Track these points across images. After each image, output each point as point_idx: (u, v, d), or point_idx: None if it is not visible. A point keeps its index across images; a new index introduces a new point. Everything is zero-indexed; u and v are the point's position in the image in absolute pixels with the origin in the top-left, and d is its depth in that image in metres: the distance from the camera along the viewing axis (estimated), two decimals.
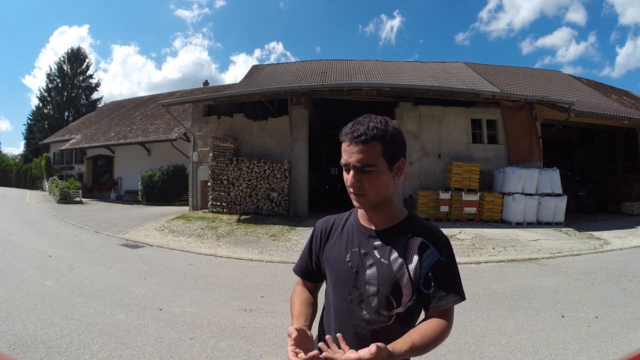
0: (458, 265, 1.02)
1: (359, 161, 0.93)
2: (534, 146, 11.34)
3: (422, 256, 0.97)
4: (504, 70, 17.64)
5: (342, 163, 0.97)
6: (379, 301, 0.97)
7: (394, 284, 0.96)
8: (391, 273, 0.96)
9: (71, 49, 34.44)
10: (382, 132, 0.95)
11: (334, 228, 1.09)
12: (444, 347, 3.13)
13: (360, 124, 0.95)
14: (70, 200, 16.84)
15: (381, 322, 0.97)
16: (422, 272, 0.96)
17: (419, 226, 1.02)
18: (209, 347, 3.03)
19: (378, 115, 1.00)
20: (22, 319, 3.54)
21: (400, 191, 10.98)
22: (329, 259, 1.06)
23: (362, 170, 0.94)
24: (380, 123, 0.96)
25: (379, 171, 0.95)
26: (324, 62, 18.01)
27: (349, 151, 0.95)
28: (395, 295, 0.96)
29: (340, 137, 0.98)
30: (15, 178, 29.80)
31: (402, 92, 11.75)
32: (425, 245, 0.98)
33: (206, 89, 23.36)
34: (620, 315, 3.83)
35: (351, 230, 1.05)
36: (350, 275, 1.00)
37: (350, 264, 1.00)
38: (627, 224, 10.35)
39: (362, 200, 0.97)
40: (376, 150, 0.94)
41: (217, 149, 11.10)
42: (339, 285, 1.02)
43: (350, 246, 1.02)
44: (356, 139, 0.93)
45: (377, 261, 0.98)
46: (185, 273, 5.76)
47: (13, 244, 7.59)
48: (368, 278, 0.98)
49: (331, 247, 1.07)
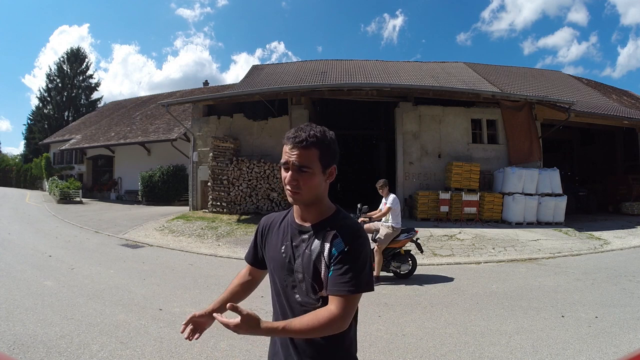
0: (458, 265, 1.05)
1: (299, 162, 1.06)
2: (534, 146, 11.34)
3: (332, 245, 1.08)
4: (504, 70, 17.64)
5: (282, 162, 1.10)
6: (306, 286, 1.10)
7: (314, 270, 1.09)
8: (310, 261, 1.09)
9: (71, 49, 34.38)
10: (320, 140, 1.08)
11: (273, 224, 1.26)
12: (444, 347, 3.14)
13: (303, 131, 1.08)
14: (70, 200, 16.83)
15: (311, 304, 1.10)
16: (330, 259, 1.08)
17: (338, 221, 1.14)
18: (209, 347, 3.04)
19: (378, 114, 1.03)
20: (22, 319, 3.54)
21: (400, 191, 10.98)
22: (268, 250, 1.23)
23: (300, 170, 1.06)
24: (319, 132, 1.09)
25: (314, 173, 1.08)
26: (324, 62, 18.01)
27: (289, 153, 1.07)
28: (315, 280, 1.09)
29: (283, 140, 1.11)
30: (15, 178, 29.79)
31: (402, 92, 11.75)
32: (336, 235, 1.09)
33: (206, 89, 23.35)
34: (620, 315, 3.83)
35: (286, 226, 1.20)
36: (284, 265, 1.14)
37: (284, 255, 1.15)
38: (627, 224, 10.35)
39: (296, 197, 1.10)
40: (314, 155, 1.07)
41: (217, 149, 11.09)
42: (276, 273, 1.17)
43: (285, 239, 1.17)
44: (298, 143, 1.06)
45: (302, 252, 1.12)
46: (185, 273, 5.76)
47: (13, 244, 7.59)
48: (296, 267, 1.12)
49: (270, 240, 1.23)
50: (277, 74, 15.99)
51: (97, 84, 35.80)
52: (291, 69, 16.98)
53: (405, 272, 5.46)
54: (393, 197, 5.38)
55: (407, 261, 5.48)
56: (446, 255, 6.98)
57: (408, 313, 4.04)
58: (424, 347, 3.12)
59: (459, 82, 13.88)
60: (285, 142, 1.10)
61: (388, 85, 12.14)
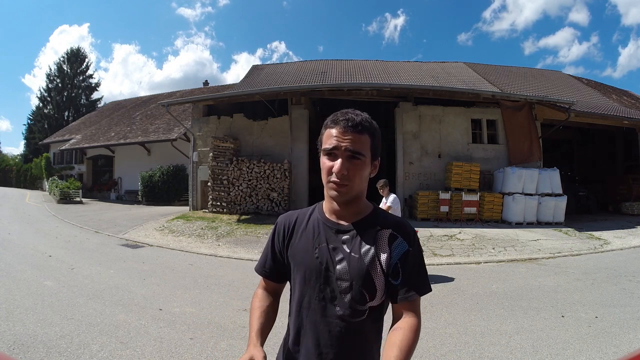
0: (458, 265, 1.03)
1: (353, 147, 0.93)
2: (534, 146, 11.34)
3: (391, 247, 0.96)
4: (504, 70, 17.64)
5: (329, 148, 0.94)
6: (352, 296, 0.94)
7: (367, 277, 0.94)
8: (363, 266, 0.94)
9: (71, 49, 34.39)
10: (373, 126, 0.98)
11: (298, 223, 1.05)
12: (444, 347, 3.14)
13: (354, 114, 0.96)
14: (70, 200, 16.84)
15: (355, 318, 0.95)
16: (391, 263, 0.95)
17: (386, 219, 1.02)
18: (209, 347, 3.03)
19: (378, 114, 1.02)
20: (22, 319, 3.54)
21: (400, 191, 10.98)
22: (295, 255, 1.02)
23: (353, 158, 0.93)
24: (369, 118, 0.99)
25: (365, 163, 0.96)
26: (324, 62, 18.02)
27: (340, 137, 0.93)
28: (369, 288, 0.94)
29: (329, 123, 0.97)
30: (15, 178, 29.79)
31: (402, 92, 11.74)
32: (394, 236, 0.97)
33: (206, 89, 23.36)
34: (620, 315, 3.83)
35: (317, 225, 1.02)
36: (320, 272, 0.96)
37: (319, 260, 0.97)
38: (627, 224, 10.35)
39: (344, 190, 0.94)
40: (366, 142, 0.96)
41: (217, 149, 11.09)
42: (308, 282, 0.98)
43: (317, 241, 0.99)
44: (352, 127, 0.93)
45: (347, 255, 0.96)
46: (185, 273, 5.76)
47: (13, 244, 7.58)
48: (339, 273, 0.95)
49: (297, 243, 1.03)
50: (277, 74, 16.00)
51: (97, 84, 35.85)
52: (291, 69, 16.98)
53: None
54: (393, 197, 5.38)
55: None
56: (446, 255, 6.98)
57: None
58: (424, 347, 3.12)
59: (459, 82, 13.88)
60: (332, 126, 0.96)
61: (388, 85, 12.14)
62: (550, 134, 11.72)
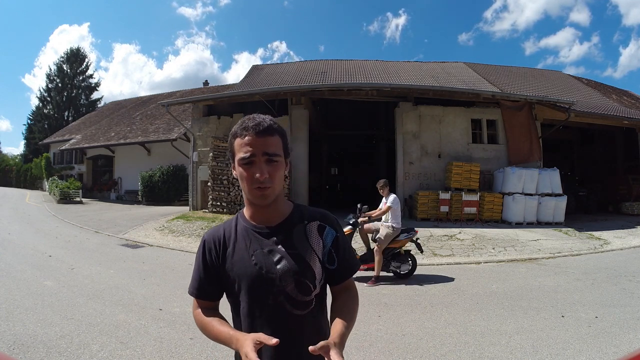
0: (458, 265, 1.05)
1: (271, 151, 0.96)
2: (533, 146, 11.34)
3: (322, 236, 1.04)
4: (504, 71, 17.64)
5: (246, 156, 0.95)
6: (298, 290, 0.98)
7: (307, 269, 0.99)
8: (302, 260, 0.99)
9: (71, 49, 34.35)
10: (280, 127, 1.01)
11: (227, 236, 1.04)
12: (444, 347, 3.14)
13: (260, 119, 0.98)
14: (70, 200, 16.84)
15: (305, 309, 0.99)
16: (325, 251, 1.03)
17: (309, 212, 1.08)
18: (209, 347, 3.03)
19: (378, 114, 1.01)
20: (22, 319, 3.54)
21: (400, 191, 10.98)
22: (232, 269, 1.01)
23: (271, 161, 0.96)
24: (274, 119, 1.01)
25: (282, 163, 0.99)
26: (324, 62, 18.01)
27: (254, 143, 0.95)
28: (311, 279, 1.00)
29: (238, 132, 0.98)
30: (15, 178, 29.79)
31: (402, 92, 11.74)
32: (322, 226, 1.05)
33: (206, 89, 23.35)
34: (620, 315, 3.83)
35: (246, 234, 1.03)
36: (262, 277, 0.97)
37: (258, 266, 0.98)
38: (627, 224, 10.35)
39: (268, 193, 0.97)
40: (279, 142, 0.99)
41: (217, 149, 11.10)
42: (254, 289, 0.98)
43: (252, 249, 1.00)
44: (264, 131, 0.96)
45: (284, 254, 0.99)
46: (185, 273, 5.75)
47: (13, 244, 7.59)
48: (281, 273, 0.97)
49: (232, 255, 1.02)
50: (277, 74, 16.00)
51: (97, 84, 35.83)
52: (291, 69, 16.98)
53: (405, 272, 5.46)
54: (393, 197, 5.38)
55: (407, 261, 5.48)
56: (446, 255, 6.98)
57: (408, 313, 4.04)
58: (424, 347, 3.12)
59: (459, 82, 13.88)
60: (241, 134, 0.97)
61: (388, 85, 12.14)
62: (550, 134, 11.72)
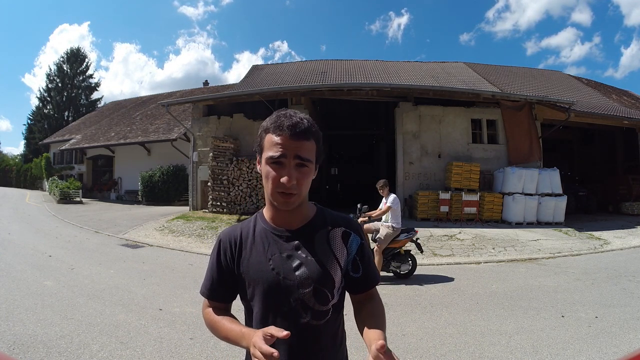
0: (458, 265, 1.05)
1: (304, 156, 0.89)
2: (533, 146, 11.34)
3: (347, 243, 0.99)
4: (504, 70, 17.64)
5: (275, 156, 0.87)
6: (316, 299, 0.93)
7: (327, 277, 0.94)
8: (323, 267, 0.94)
9: (71, 49, 34.40)
10: (317, 131, 0.93)
11: (244, 237, 0.99)
12: (444, 347, 3.14)
13: (299, 119, 0.90)
14: (70, 200, 16.84)
15: (322, 319, 0.94)
16: (349, 259, 0.99)
17: (332, 217, 1.03)
18: (209, 347, 3.03)
19: (378, 115, 1.00)
20: (22, 319, 3.54)
21: (400, 191, 10.98)
22: (248, 271, 0.96)
23: (301, 166, 0.89)
24: (313, 122, 0.93)
25: (312, 169, 0.92)
26: (324, 62, 18.01)
27: (287, 144, 0.87)
28: (330, 288, 0.95)
29: (271, 128, 0.90)
30: (15, 178, 29.80)
31: (402, 92, 11.74)
32: (347, 233, 1.01)
33: (206, 89, 23.36)
34: (620, 315, 3.83)
35: (265, 236, 0.98)
36: (279, 283, 0.92)
37: (275, 271, 0.93)
38: (627, 224, 10.35)
39: (293, 200, 0.91)
40: (313, 148, 0.92)
41: (217, 149, 11.10)
42: (269, 296, 0.93)
43: (270, 252, 0.95)
44: (300, 134, 0.88)
45: (304, 260, 0.94)
46: (185, 273, 5.76)
47: (13, 244, 7.58)
48: (300, 280, 0.92)
49: (248, 258, 0.97)
50: (277, 74, 16.00)
51: (97, 84, 35.87)
52: (291, 69, 16.98)
53: (405, 272, 5.47)
54: (393, 197, 5.39)
55: (407, 261, 5.49)
56: (446, 255, 6.98)
57: (408, 313, 4.04)
58: (424, 347, 3.12)
59: (459, 82, 13.88)
60: (275, 131, 0.89)
61: (388, 85, 12.14)
62: (550, 134, 11.71)
